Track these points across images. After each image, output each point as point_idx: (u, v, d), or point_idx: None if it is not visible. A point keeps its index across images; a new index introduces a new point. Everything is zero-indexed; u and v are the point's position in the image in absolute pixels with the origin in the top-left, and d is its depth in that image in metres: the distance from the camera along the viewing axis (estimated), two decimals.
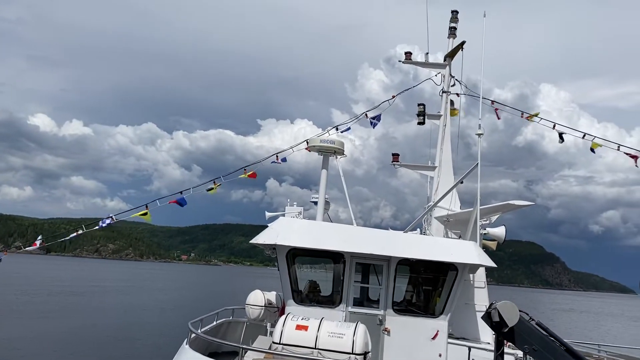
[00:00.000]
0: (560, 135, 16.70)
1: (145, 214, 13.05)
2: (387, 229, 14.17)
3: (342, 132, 16.45)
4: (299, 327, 9.50)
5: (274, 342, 9.43)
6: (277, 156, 15.22)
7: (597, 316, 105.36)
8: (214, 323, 14.03)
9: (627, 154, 16.53)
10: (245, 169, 14.82)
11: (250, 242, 11.70)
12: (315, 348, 9.26)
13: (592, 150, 16.66)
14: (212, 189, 14.27)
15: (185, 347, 11.00)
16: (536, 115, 16.99)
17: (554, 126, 16.83)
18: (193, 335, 11.14)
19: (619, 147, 16.59)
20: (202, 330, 12.32)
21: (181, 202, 13.68)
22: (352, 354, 9.10)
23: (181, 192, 13.85)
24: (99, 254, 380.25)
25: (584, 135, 16.76)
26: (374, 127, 16.81)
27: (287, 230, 11.57)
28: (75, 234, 12.69)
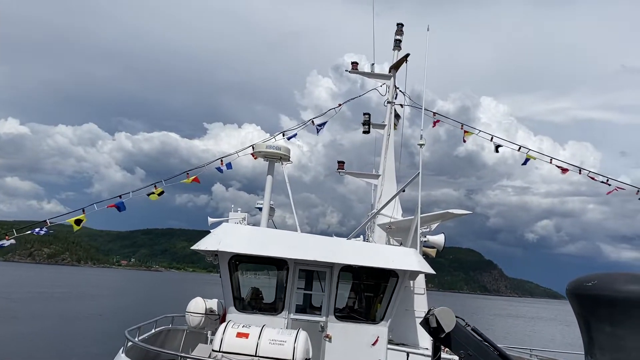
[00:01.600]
0: (497, 147, 17.39)
1: (79, 221, 12.54)
2: (332, 236, 14.29)
3: (288, 138, 16.48)
4: (239, 335, 9.42)
5: (213, 350, 9.31)
6: (221, 161, 15.05)
7: (532, 321, 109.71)
8: (153, 331, 13.66)
9: (558, 166, 17.40)
10: (188, 173, 14.56)
11: (192, 248, 11.51)
12: (255, 355, 9.21)
13: (524, 162, 17.44)
14: (153, 193, 13.91)
15: (121, 356, 10.66)
16: (470, 134, 17.58)
17: (492, 138, 17.51)
18: (130, 343, 10.81)
19: (551, 160, 17.44)
20: (140, 338, 11.98)
21: (120, 207, 13.27)
22: None
23: (120, 196, 13.44)
24: (32, 258, 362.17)
25: (519, 148, 17.52)
26: (318, 133, 16.93)
27: (229, 237, 11.45)
28: (5, 240, 12.04)
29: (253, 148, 13.97)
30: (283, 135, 16.28)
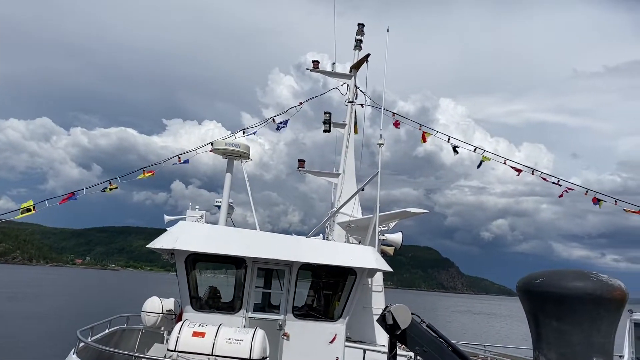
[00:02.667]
0: (454, 148, 17.74)
1: (29, 209, 12.09)
2: (292, 234, 14.28)
3: (248, 135, 16.35)
4: (195, 334, 9.34)
5: (169, 350, 9.21)
6: (179, 158, 14.80)
7: (487, 317, 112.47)
8: (107, 331, 13.33)
9: (512, 167, 17.90)
10: (144, 170, 14.25)
11: (147, 246, 11.32)
12: (212, 355, 9.14)
13: (478, 165, 17.87)
14: (107, 189, 13.56)
15: (72, 357, 10.37)
16: (428, 135, 17.86)
17: (449, 139, 17.85)
18: (81, 344, 10.53)
19: (505, 161, 17.92)
20: (93, 338, 11.67)
21: (72, 199, 12.86)
22: (250, 359, 9.08)
23: (73, 193, 13.05)
24: None
25: (475, 149, 17.93)
26: (278, 130, 16.87)
27: (186, 235, 11.30)
28: None
29: (212, 145, 13.81)
30: (243, 132, 16.15)
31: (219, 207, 13.59)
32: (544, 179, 17.85)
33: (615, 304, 5.11)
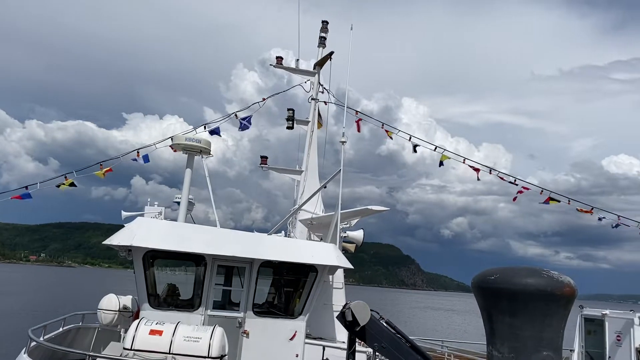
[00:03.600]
0: (415, 147, 17.99)
1: None
2: (254, 231, 14.19)
3: (210, 131, 16.14)
4: (152, 332, 9.22)
5: (124, 349, 9.07)
6: (138, 152, 14.49)
7: (447, 313, 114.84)
8: (61, 329, 12.97)
9: (471, 166, 18.29)
10: (101, 165, 13.90)
11: (104, 243, 11.08)
12: (169, 353, 9.04)
13: (440, 163, 18.19)
14: (63, 184, 13.16)
15: (23, 357, 10.05)
16: (390, 134, 18.08)
17: (410, 138, 18.10)
18: (33, 343, 10.21)
19: (464, 160, 18.30)
20: (46, 337, 11.33)
21: (24, 196, 12.45)
22: (208, 357, 9.04)
23: (27, 187, 12.62)
24: None
25: (435, 148, 18.25)
26: (241, 129, 16.70)
27: (144, 231, 11.11)
28: None
29: (172, 140, 13.57)
30: (205, 128, 15.93)
31: (178, 203, 13.38)
32: (501, 179, 18.32)
33: (565, 300, 5.28)
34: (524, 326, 5.22)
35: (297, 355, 11.51)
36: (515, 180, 18.42)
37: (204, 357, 9.03)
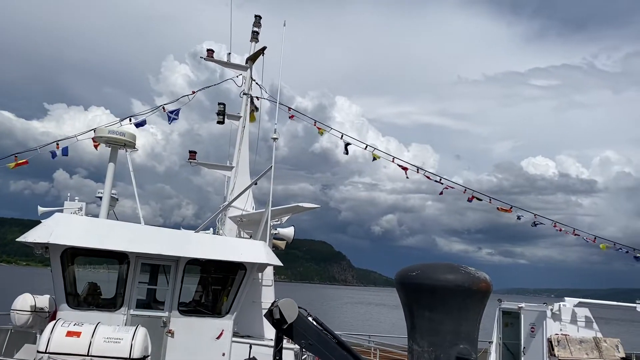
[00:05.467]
0: (346, 145, 18.20)
1: None
2: (180, 229, 13.86)
3: (135, 124, 15.55)
4: (70, 334, 8.82)
5: (38, 352, 8.61)
6: (57, 144, 13.74)
7: (377, 308, 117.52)
8: None
9: (399, 165, 18.75)
10: (16, 157, 13.07)
11: (18, 240, 10.53)
12: (88, 355, 8.68)
13: (373, 158, 18.55)
14: None
15: None
16: (322, 131, 18.22)
17: (342, 136, 18.29)
18: None
19: (393, 159, 18.74)
20: None
21: None
22: (130, 359, 8.75)
23: None
24: None
25: (366, 147, 18.56)
26: (170, 122, 16.21)
27: (62, 228, 10.62)
28: None
29: (95, 133, 12.97)
30: (130, 120, 15.32)
31: (101, 198, 12.84)
32: (428, 177, 18.91)
33: (481, 295, 5.54)
34: (443, 320, 5.43)
35: (223, 354, 11.40)
36: (440, 180, 19.07)
37: (126, 358, 8.74)
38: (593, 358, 21.03)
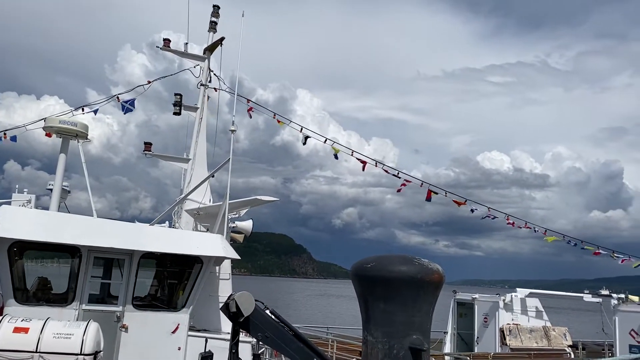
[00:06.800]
0: (305, 138, 18.19)
1: None
2: (135, 221, 13.59)
3: (88, 113, 15.10)
4: (17, 330, 8.52)
5: None
6: (5, 134, 13.21)
7: (338, 299, 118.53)
8: None
9: (358, 159, 18.89)
10: None
11: None
12: (36, 352, 8.40)
13: (335, 156, 18.61)
14: None
15: None
16: (282, 124, 18.16)
17: (301, 129, 18.27)
18: None
19: (352, 152, 18.87)
20: None
21: None
22: (81, 354, 8.53)
23: None
24: None
25: (326, 140, 18.61)
26: (125, 112, 15.81)
27: (9, 221, 10.27)
28: None
29: (45, 122, 12.52)
30: (82, 110, 14.86)
31: (51, 190, 12.44)
32: (386, 171, 19.13)
33: (434, 286, 5.63)
34: (397, 311, 5.49)
35: (179, 349, 11.26)
36: (398, 174, 19.31)
37: (76, 354, 8.50)
38: (542, 346, 21.90)
